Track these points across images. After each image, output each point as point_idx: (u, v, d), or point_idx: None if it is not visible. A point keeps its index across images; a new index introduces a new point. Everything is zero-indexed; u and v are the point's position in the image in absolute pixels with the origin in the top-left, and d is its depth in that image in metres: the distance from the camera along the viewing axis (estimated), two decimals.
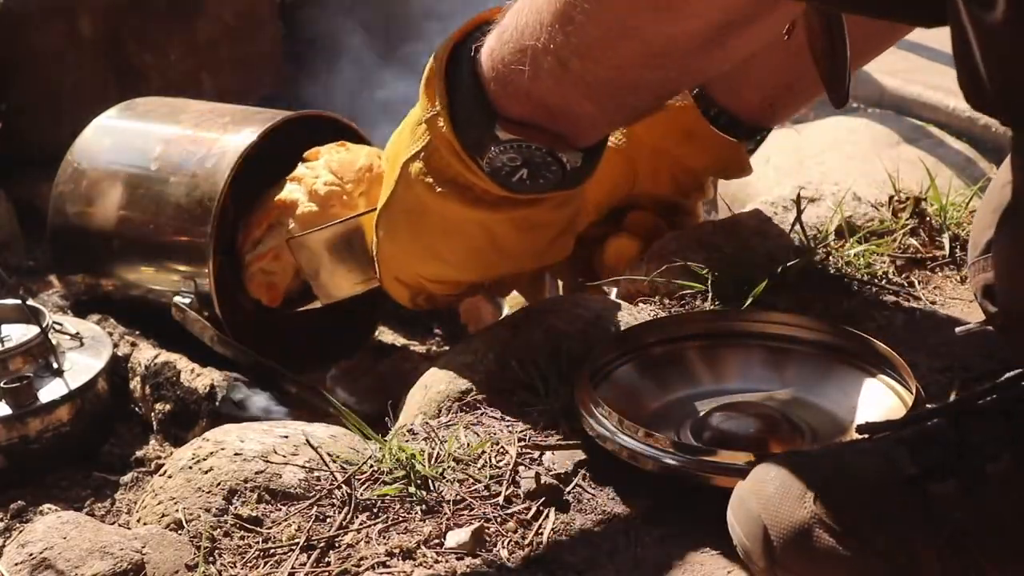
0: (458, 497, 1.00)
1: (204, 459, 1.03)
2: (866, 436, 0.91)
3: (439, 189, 1.08)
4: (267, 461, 1.02)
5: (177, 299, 1.47)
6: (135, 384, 1.48)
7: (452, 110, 1.04)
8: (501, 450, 1.06)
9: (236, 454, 1.03)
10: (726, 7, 0.87)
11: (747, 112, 1.37)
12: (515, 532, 0.96)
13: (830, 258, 1.37)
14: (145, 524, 1.00)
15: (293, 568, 0.93)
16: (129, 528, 1.01)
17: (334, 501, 1.00)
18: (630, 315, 1.25)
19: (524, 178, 1.04)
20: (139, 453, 1.42)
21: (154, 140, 1.57)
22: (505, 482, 1.02)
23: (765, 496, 0.84)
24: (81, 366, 1.44)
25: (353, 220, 1.27)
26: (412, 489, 1.00)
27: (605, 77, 0.95)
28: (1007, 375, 0.87)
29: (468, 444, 1.06)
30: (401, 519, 0.98)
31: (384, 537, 0.96)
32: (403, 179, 1.11)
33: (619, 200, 1.41)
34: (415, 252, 1.16)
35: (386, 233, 1.16)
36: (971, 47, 0.66)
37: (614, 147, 1.35)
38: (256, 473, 1.01)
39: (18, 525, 1.26)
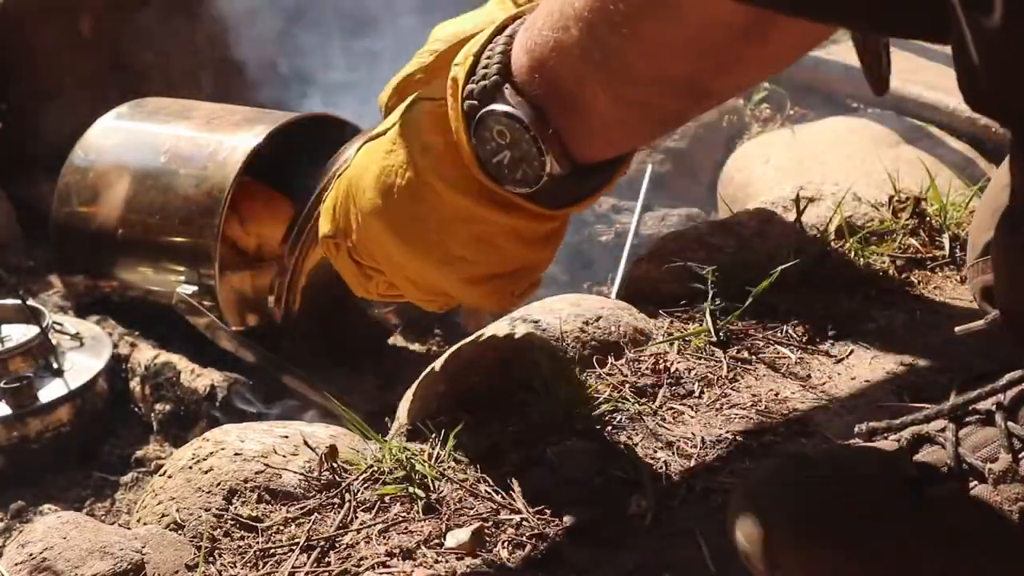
0: (458, 497, 1.00)
1: (204, 459, 1.03)
2: (864, 438, 0.91)
3: (430, 144, 0.97)
4: (267, 461, 1.02)
5: (179, 290, 1.47)
6: (135, 384, 1.49)
7: (476, 62, 0.93)
8: (501, 450, 1.06)
9: (236, 454, 1.03)
10: None
11: None
12: (515, 532, 0.96)
13: (830, 258, 1.37)
14: (145, 524, 1.00)
15: (293, 568, 0.93)
16: (129, 528, 1.01)
17: (334, 501, 1.00)
18: (630, 315, 1.25)
19: (503, 164, 0.93)
20: (139, 453, 1.42)
21: (164, 135, 1.58)
22: (505, 482, 1.02)
23: (764, 499, 0.84)
24: (81, 366, 1.44)
25: None
26: (412, 489, 1.00)
27: (631, 62, 0.84)
28: (1006, 376, 0.87)
29: (468, 444, 1.06)
30: (401, 519, 0.98)
31: (384, 537, 0.96)
32: (407, 119, 1.00)
33: None
34: (374, 208, 1.01)
35: (361, 163, 1.03)
36: (970, 51, 0.66)
37: None
38: (256, 473, 1.01)
39: (18, 525, 1.26)
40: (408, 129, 0.97)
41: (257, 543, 0.96)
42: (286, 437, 1.06)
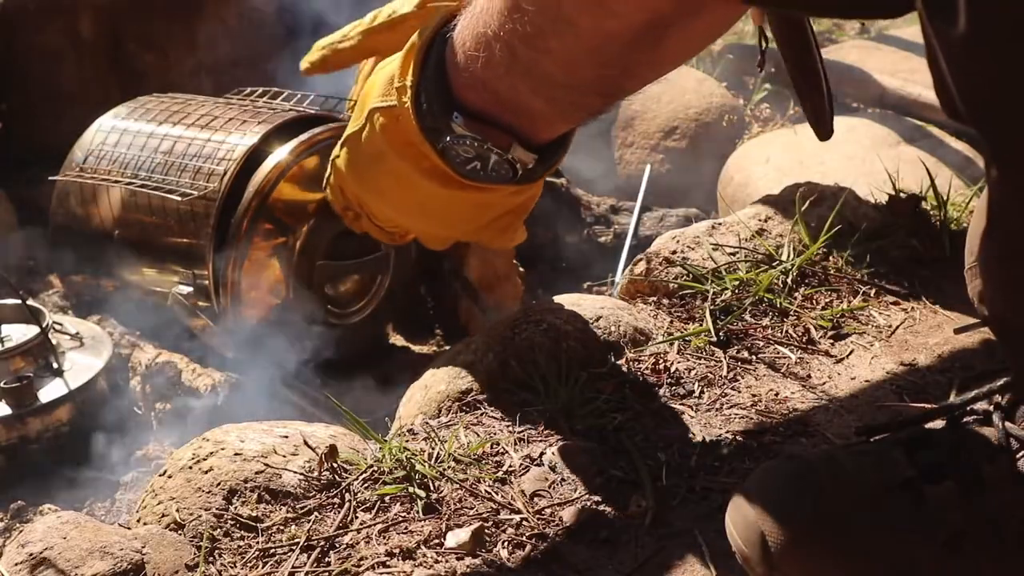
0: (458, 497, 1.00)
1: (204, 459, 1.03)
2: (864, 438, 0.91)
3: (397, 148, 1.10)
4: (267, 461, 1.02)
5: (175, 291, 1.47)
6: (135, 384, 1.49)
7: (418, 90, 1.06)
8: (501, 450, 1.06)
9: (236, 454, 1.03)
10: (650, 7, 0.88)
11: None
12: (515, 532, 0.97)
13: (830, 258, 1.37)
14: (145, 524, 1.00)
15: (293, 568, 0.93)
16: (129, 528, 1.01)
17: (334, 501, 1.00)
18: (630, 315, 1.25)
19: (477, 169, 1.05)
20: (139, 453, 1.42)
21: (161, 136, 1.58)
22: (505, 482, 1.02)
23: (762, 501, 0.84)
24: (81, 366, 1.44)
25: None
26: (412, 489, 1.00)
27: (550, 72, 0.95)
28: (1004, 377, 0.87)
29: (468, 444, 1.06)
30: (401, 519, 0.98)
31: (384, 537, 0.96)
32: (370, 123, 1.13)
33: None
34: (364, 184, 1.19)
35: (346, 156, 1.19)
36: (939, 59, 0.67)
37: None
38: (256, 473, 1.01)
39: (18, 525, 1.26)
40: (378, 139, 1.10)
41: (257, 543, 0.96)
42: (286, 437, 1.06)
